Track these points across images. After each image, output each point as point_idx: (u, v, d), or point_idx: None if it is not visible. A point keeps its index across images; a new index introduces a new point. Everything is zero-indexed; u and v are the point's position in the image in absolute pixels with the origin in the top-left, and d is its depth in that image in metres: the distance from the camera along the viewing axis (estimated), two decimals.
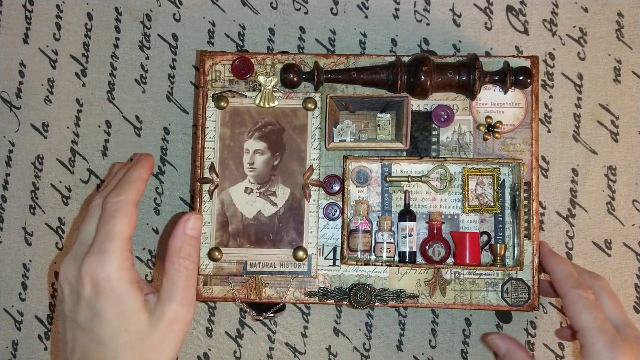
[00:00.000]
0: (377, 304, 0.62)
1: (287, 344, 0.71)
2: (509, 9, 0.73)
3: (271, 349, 0.71)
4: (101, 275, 0.48)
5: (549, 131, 0.71)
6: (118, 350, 0.48)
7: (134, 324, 0.48)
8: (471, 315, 0.70)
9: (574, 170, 0.71)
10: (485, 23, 0.73)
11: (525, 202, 0.62)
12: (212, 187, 0.63)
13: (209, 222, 0.63)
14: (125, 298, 0.48)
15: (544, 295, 0.65)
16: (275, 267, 0.62)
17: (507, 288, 0.63)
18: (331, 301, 0.63)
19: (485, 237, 0.63)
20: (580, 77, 0.72)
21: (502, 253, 0.62)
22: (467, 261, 0.61)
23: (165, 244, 0.72)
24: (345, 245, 0.62)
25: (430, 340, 0.70)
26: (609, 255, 0.70)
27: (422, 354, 0.70)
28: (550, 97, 0.72)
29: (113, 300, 0.48)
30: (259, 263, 0.63)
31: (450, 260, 0.62)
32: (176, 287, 0.50)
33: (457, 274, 0.63)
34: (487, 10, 0.73)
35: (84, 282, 0.48)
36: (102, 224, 0.50)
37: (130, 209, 0.51)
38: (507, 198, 0.63)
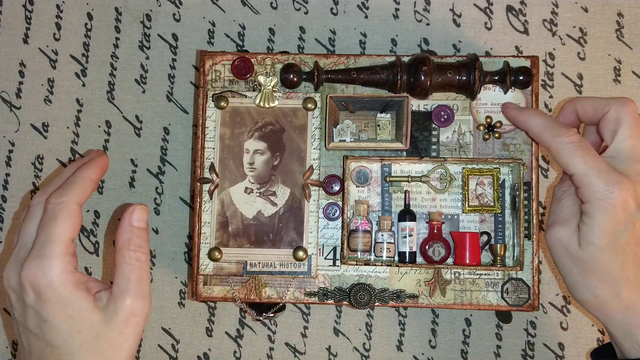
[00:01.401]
0: (377, 304, 0.62)
1: (287, 344, 0.71)
2: (509, 9, 0.73)
3: (271, 349, 0.71)
4: (42, 282, 0.46)
5: None
6: (73, 351, 0.47)
7: (86, 325, 0.47)
8: (471, 315, 0.70)
9: None
10: (485, 23, 0.73)
11: (525, 202, 0.62)
12: (212, 187, 0.63)
13: (209, 222, 0.63)
14: (72, 301, 0.47)
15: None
16: (275, 267, 0.62)
17: (507, 288, 0.63)
18: (331, 301, 0.63)
19: (485, 237, 0.63)
20: (580, 77, 0.72)
21: (502, 253, 0.62)
22: (467, 261, 0.61)
23: (163, 244, 0.72)
24: (345, 245, 0.62)
25: (430, 340, 0.70)
26: None
27: (422, 354, 0.70)
28: (550, 97, 0.72)
29: (59, 305, 0.47)
30: (259, 263, 0.63)
31: (450, 260, 0.62)
32: (129, 280, 0.48)
33: (457, 274, 0.63)
34: (487, 10, 0.73)
35: (26, 289, 0.47)
36: (42, 226, 0.48)
37: (73, 210, 0.48)
38: (507, 198, 0.63)
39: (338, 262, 0.63)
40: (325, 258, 0.63)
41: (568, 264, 0.54)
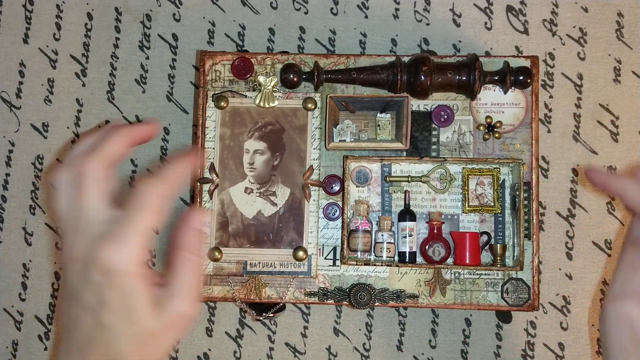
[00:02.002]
0: (377, 304, 0.62)
1: (287, 344, 0.71)
2: (509, 9, 0.73)
3: (271, 349, 0.71)
4: (117, 268, 0.47)
5: (549, 131, 0.71)
6: (121, 339, 0.47)
7: (139, 317, 0.48)
8: (471, 315, 0.70)
9: (574, 170, 0.71)
10: (485, 23, 0.73)
11: (525, 202, 0.62)
12: (212, 187, 0.63)
13: (209, 222, 0.63)
14: (135, 293, 0.47)
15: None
16: (275, 267, 0.62)
17: (507, 288, 0.62)
18: (331, 301, 0.63)
19: (485, 237, 0.63)
20: (580, 77, 0.72)
21: (502, 253, 0.62)
22: (467, 261, 0.61)
23: (164, 244, 0.72)
24: (345, 245, 0.62)
25: (430, 340, 0.70)
26: (609, 255, 0.70)
27: (422, 354, 0.70)
28: (550, 97, 0.72)
29: (123, 293, 0.47)
30: (259, 263, 0.63)
31: (450, 260, 0.62)
32: (183, 282, 0.49)
33: (457, 274, 0.63)
34: (487, 10, 0.73)
35: (97, 268, 0.47)
36: (129, 212, 0.48)
37: (162, 203, 0.49)
38: (507, 198, 0.63)
39: (338, 262, 0.63)
40: (325, 258, 0.63)
41: (627, 344, 0.49)
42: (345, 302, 0.63)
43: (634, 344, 0.49)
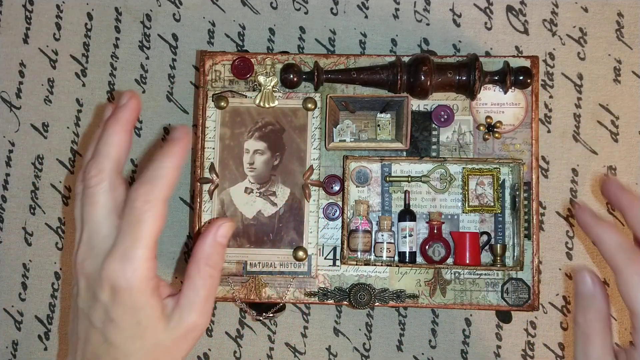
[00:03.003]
0: (377, 304, 0.62)
1: (287, 344, 0.71)
2: (509, 9, 0.73)
3: (271, 349, 0.71)
4: (123, 285, 0.45)
5: (549, 131, 0.71)
6: (130, 353, 0.47)
7: (149, 332, 0.47)
8: (471, 315, 0.70)
9: (574, 170, 0.71)
10: (485, 23, 0.73)
11: (525, 202, 0.62)
12: (212, 187, 0.63)
13: (209, 223, 0.63)
14: (144, 308, 0.46)
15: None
16: (275, 267, 0.62)
17: (507, 288, 0.62)
18: (331, 301, 0.63)
19: (485, 237, 0.63)
20: (580, 77, 0.72)
21: (502, 253, 0.62)
22: (467, 261, 0.61)
23: (163, 244, 0.72)
24: (345, 245, 0.62)
25: (430, 340, 0.70)
26: None
27: (422, 354, 0.70)
28: (550, 97, 0.72)
29: (131, 309, 0.46)
30: (259, 263, 0.63)
31: (450, 260, 0.62)
32: (198, 296, 0.48)
33: (457, 274, 0.63)
34: (487, 10, 0.73)
35: (103, 286, 0.46)
36: (129, 224, 0.46)
37: (162, 209, 0.46)
38: (507, 198, 0.63)
39: (338, 262, 0.63)
40: (325, 258, 0.63)
41: None
42: (345, 302, 0.63)
43: None
